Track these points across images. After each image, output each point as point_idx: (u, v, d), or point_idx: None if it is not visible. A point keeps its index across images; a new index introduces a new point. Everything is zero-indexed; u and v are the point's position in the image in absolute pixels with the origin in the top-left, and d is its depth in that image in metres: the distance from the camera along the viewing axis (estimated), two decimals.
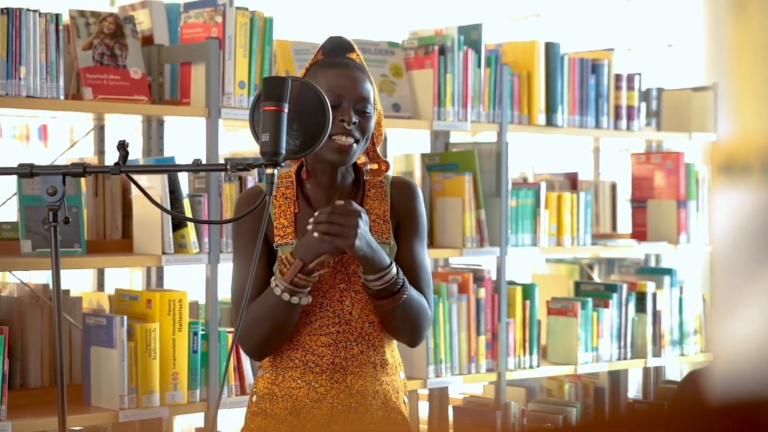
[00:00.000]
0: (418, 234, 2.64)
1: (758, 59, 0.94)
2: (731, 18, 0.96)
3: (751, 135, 0.91)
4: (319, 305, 2.57)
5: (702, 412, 0.83)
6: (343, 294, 2.57)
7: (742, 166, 0.90)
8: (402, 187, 2.65)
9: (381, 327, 2.60)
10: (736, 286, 0.87)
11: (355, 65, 2.61)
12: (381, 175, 2.66)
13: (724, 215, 0.90)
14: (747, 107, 0.92)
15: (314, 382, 2.57)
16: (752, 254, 0.87)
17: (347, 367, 2.57)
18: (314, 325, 2.57)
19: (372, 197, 2.62)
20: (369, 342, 2.59)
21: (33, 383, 3.48)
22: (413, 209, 2.64)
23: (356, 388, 2.57)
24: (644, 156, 4.92)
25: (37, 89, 3.30)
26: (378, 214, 2.61)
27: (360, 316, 2.58)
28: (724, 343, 0.88)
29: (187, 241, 3.52)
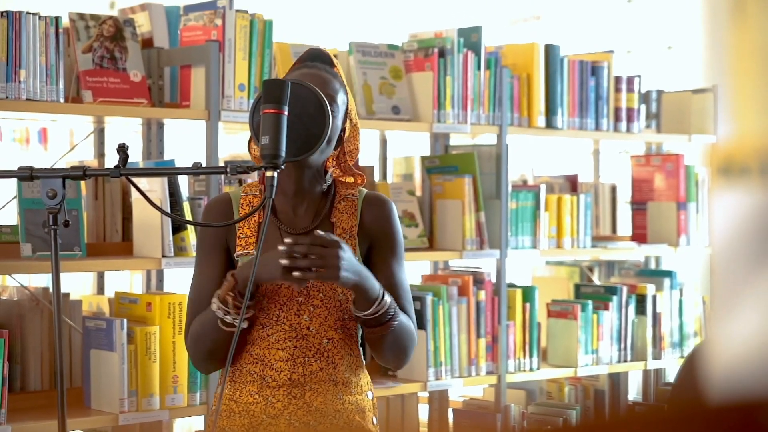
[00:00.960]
0: (394, 253, 2.57)
1: (757, 61, 0.94)
2: (730, 19, 0.96)
3: (749, 137, 0.91)
4: (276, 318, 2.50)
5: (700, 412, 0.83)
6: (300, 308, 2.50)
7: (740, 167, 0.90)
8: (375, 204, 2.57)
9: (342, 344, 2.52)
10: (734, 287, 0.87)
11: (326, 70, 2.55)
12: (354, 189, 2.59)
13: (723, 217, 0.90)
14: (746, 109, 0.92)
15: (271, 397, 2.50)
16: (751, 255, 0.88)
17: (305, 383, 2.50)
18: (271, 338, 2.50)
19: (341, 210, 2.56)
20: (328, 359, 2.50)
21: (33, 386, 3.48)
22: (388, 228, 2.57)
23: (315, 406, 2.49)
24: (644, 158, 4.92)
25: (37, 92, 3.30)
26: (345, 228, 2.54)
27: (318, 331, 2.50)
28: (722, 344, 0.88)
29: (187, 244, 3.52)
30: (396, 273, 2.57)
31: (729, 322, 0.87)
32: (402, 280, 2.58)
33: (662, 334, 4.67)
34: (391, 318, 2.47)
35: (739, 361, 0.86)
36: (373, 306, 2.44)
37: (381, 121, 3.99)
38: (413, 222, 4.14)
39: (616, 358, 4.54)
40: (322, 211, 2.55)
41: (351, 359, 2.55)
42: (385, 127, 4.02)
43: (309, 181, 2.54)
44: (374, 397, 2.63)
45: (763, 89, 0.92)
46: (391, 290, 2.53)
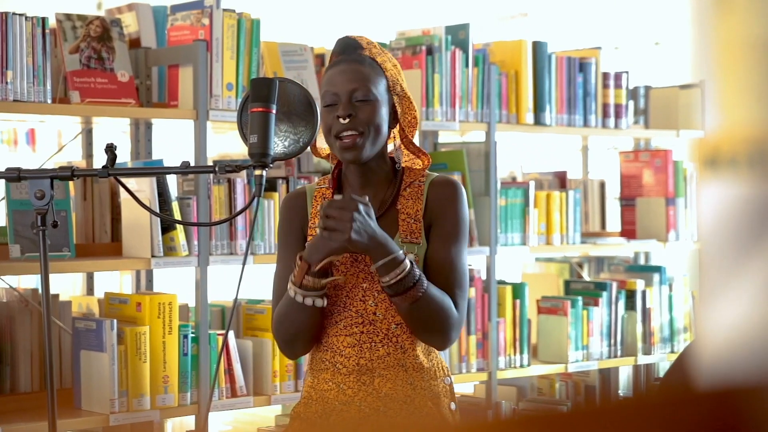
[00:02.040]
0: (450, 234, 2.54)
1: (743, 54, 0.94)
2: (716, 13, 0.96)
3: (736, 128, 0.91)
4: (343, 305, 2.52)
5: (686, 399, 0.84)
6: (365, 293, 2.51)
7: (728, 159, 0.90)
8: (440, 186, 2.57)
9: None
10: (722, 278, 0.88)
11: (355, 59, 2.55)
12: (422, 174, 2.59)
13: (710, 208, 0.91)
14: (733, 101, 0.93)
15: (342, 384, 2.52)
16: (738, 246, 0.88)
17: (374, 369, 2.51)
18: (339, 325, 2.53)
19: (407, 196, 2.56)
20: (396, 344, 2.51)
21: (23, 388, 3.47)
22: (448, 209, 2.55)
23: (384, 392, 2.50)
24: (632, 154, 4.93)
25: (24, 93, 3.29)
26: (409, 213, 2.54)
27: (385, 316, 2.51)
28: (709, 333, 0.89)
29: (177, 244, 3.52)
30: (448, 253, 2.54)
31: (716, 312, 0.88)
32: (454, 262, 2.55)
33: (652, 329, 4.67)
34: (414, 287, 2.45)
35: (726, 350, 0.87)
36: (392, 271, 2.43)
37: None
38: None
39: (606, 354, 4.55)
40: (389, 199, 2.56)
41: (422, 344, 2.55)
42: None
43: (373, 170, 2.56)
44: (452, 382, 2.61)
45: (749, 81, 0.92)
46: (439, 270, 2.53)
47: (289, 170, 3.83)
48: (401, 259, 2.44)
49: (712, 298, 0.89)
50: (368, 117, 2.50)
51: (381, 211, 2.55)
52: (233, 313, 2.43)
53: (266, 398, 3.70)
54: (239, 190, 3.66)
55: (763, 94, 0.92)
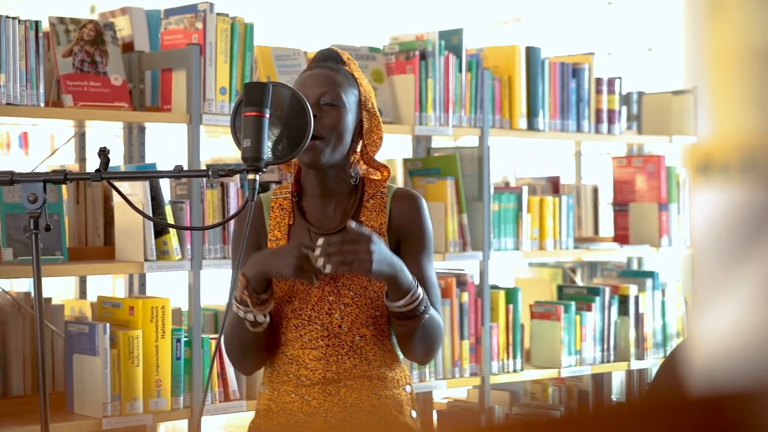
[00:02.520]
0: (424, 249, 2.56)
1: (736, 60, 0.94)
2: (709, 19, 0.97)
3: (729, 135, 0.91)
4: (308, 318, 2.52)
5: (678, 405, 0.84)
6: (332, 307, 2.51)
7: (720, 165, 0.90)
8: (404, 199, 2.58)
9: (375, 340, 2.53)
10: (714, 283, 0.88)
11: (331, 67, 2.56)
12: (382, 185, 2.59)
13: (703, 214, 0.91)
14: (725, 107, 0.93)
15: (307, 395, 2.52)
16: (730, 252, 0.88)
17: (340, 380, 2.52)
18: (304, 338, 2.52)
19: (370, 208, 2.56)
20: (361, 356, 2.52)
21: (15, 392, 3.46)
22: (417, 223, 2.56)
23: (350, 402, 2.51)
24: (625, 159, 4.93)
25: (17, 96, 3.29)
26: (374, 227, 2.54)
27: (350, 329, 2.51)
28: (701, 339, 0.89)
29: (170, 248, 3.52)
30: (425, 269, 2.56)
31: (708, 318, 0.88)
32: (431, 276, 2.57)
33: (645, 334, 4.68)
34: (424, 311, 2.48)
35: (717, 356, 0.87)
36: (406, 297, 2.45)
37: None
38: None
39: (599, 359, 4.55)
40: (351, 210, 2.56)
41: (385, 354, 2.55)
42: None
43: (333, 181, 2.56)
44: (413, 390, 2.63)
45: (742, 88, 0.93)
46: (421, 285, 2.53)
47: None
48: (410, 284, 2.46)
49: (705, 303, 0.89)
50: (333, 122, 2.51)
51: (344, 223, 2.53)
52: (226, 316, 2.42)
53: None
54: (232, 194, 3.66)
55: (756, 100, 0.93)
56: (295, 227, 2.56)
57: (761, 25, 0.94)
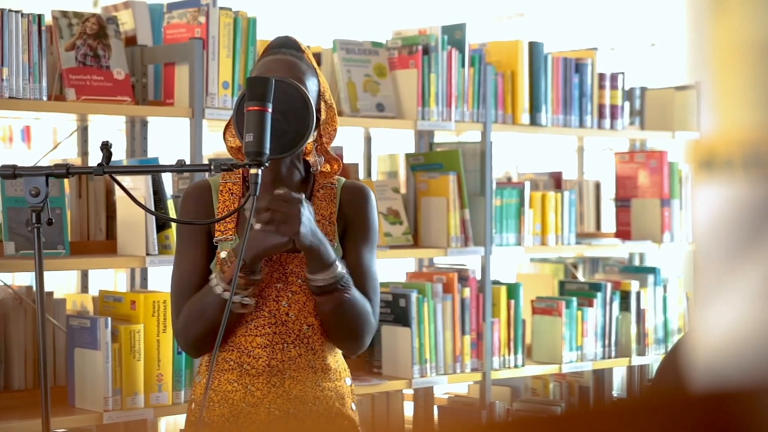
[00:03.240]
0: (366, 239, 2.58)
1: (739, 56, 0.94)
2: (712, 14, 0.97)
3: (732, 130, 0.91)
4: (256, 305, 2.51)
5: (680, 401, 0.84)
6: (279, 294, 2.50)
7: (723, 161, 0.90)
8: (353, 191, 2.59)
9: (321, 330, 2.52)
10: (716, 279, 0.88)
11: (293, 54, 2.55)
12: (332, 177, 2.60)
13: (705, 210, 0.91)
14: (728, 103, 0.93)
15: (251, 385, 2.51)
16: (732, 248, 0.88)
17: (285, 370, 2.50)
18: (250, 325, 2.51)
19: (320, 198, 2.57)
20: (307, 345, 2.51)
21: (17, 385, 3.46)
22: (363, 214, 2.58)
23: (294, 393, 2.50)
24: (628, 155, 4.93)
25: (19, 90, 3.29)
26: (324, 215, 2.55)
27: (297, 317, 2.51)
28: (703, 335, 0.89)
29: (172, 242, 3.52)
30: (364, 257, 2.57)
31: (710, 314, 0.88)
32: (369, 266, 2.58)
33: (646, 330, 4.68)
34: (343, 289, 2.46)
35: (719, 353, 0.87)
36: (327, 270, 2.44)
37: (365, 118, 3.99)
38: (398, 219, 4.15)
39: (600, 355, 4.55)
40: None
41: (330, 346, 2.56)
42: (370, 125, 4.02)
43: (287, 170, 2.55)
44: (352, 383, 2.63)
45: (745, 83, 0.92)
46: (357, 274, 2.54)
47: None
48: (332, 259, 2.45)
49: (707, 300, 0.89)
50: None
51: None
52: (227, 311, 2.42)
53: None
54: None
55: (759, 95, 0.92)
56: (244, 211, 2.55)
57: (764, 20, 0.93)
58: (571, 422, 0.81)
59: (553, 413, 0.82)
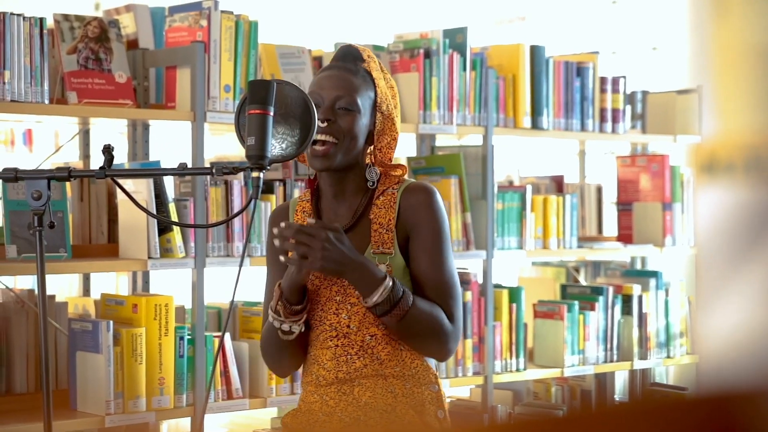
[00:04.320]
0: (431, 244, 2.53)
1: (740, 60, 0.94)
2: (714, 19, 0.97)
3: (733, 134, 0.91)
4: (319, 319, 2.55)
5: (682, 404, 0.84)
6: (339, 307, 2.53)
7: (725, 164, 0.90)
8: (414, 193, 2.56)
9: (387, 339, 2.52)
10: (719, 282, 0.88)
11: (349, 68, 2.57)
12: (395, 182, 2.58)
13: (707, 213, 0.91)
14: (730, 107, 0.93)
15: (325, 395, 2.55)
16: (735, 251, 0.88)
17: (353, 380, 2.53)
18: (319, 339, 2.56)
19: (379, 205, 2.56)
20: (372, 355, 2.52)
21: (19, 389, 3.46)
22: (423, 218, 2.54)
23: (364, 401, 2.52)
24: (629, 159, 4.93)
25: (21, 93, 3.29)
26: (381, 223, 2.54)
27: (359, 328, 2.52)
28: (707, 338, 0.89)
29: (173, 246, 3.52)
30: (432, 264, 2.54)
31: (713, 317, 0.88)
32: (441, 273, 2.54)
33: (648, 334, 4.67)
34: (400, 303, 2.46)
35: (723, 355, 0.87)
36: (374, 292, 2.45)
37: None
38: None
39: (602, 359, 4.54)
40: (360, 208, 2.57)
41: (401, 353, 2.54)
42: None
43: (346, 181, 2.58)
44: (440, 389, 2.59)
45: (746, 87, 0.92)
46: (426, 283, 2.53)
47: (286, 173, 3.83)
48: (382, 277, 2.45)
49: (710, 302, 0.89)
50: (348, 126, 2.52)
51: (353, 221, 2.56)
52: (230, 315, 2.43)
53: (262, 401, 3.70)
54: (236, 192, 3.66)
55: (760, 99, 0.92)
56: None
57: (765, 24, 0.94)
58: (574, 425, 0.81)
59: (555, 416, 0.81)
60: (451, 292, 2.56)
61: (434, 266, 2.54)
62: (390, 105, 2.61)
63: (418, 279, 2.53)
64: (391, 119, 2.60)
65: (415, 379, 2.55)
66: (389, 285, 2.45)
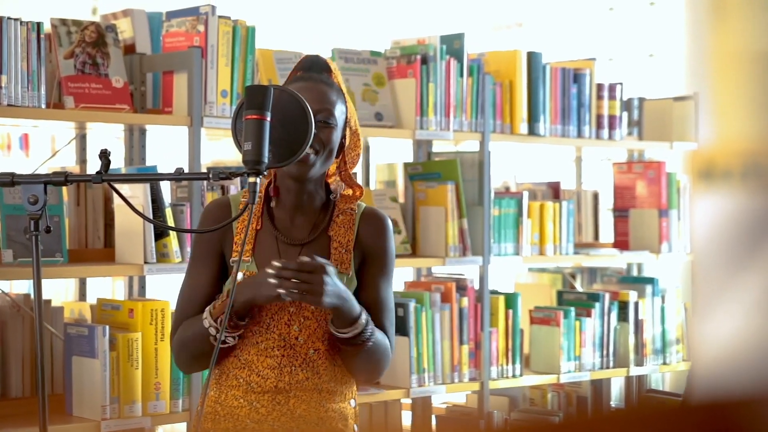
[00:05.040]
0: (384, 272, 2.61)
1: (737, 66, 0.94)
2: (711, 26, 0.97)
3: (730, 141, 0.91)
4: (266, 327, 2.54)
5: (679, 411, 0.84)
6: (291, 318, 2.54)
7: (722, 171, 0.90)
8: (372, 220, 2.61)
9: (327, 355, 2.55)
10: (715, 290, 0.88)
11: (323, 80, 2.59)
12: (353, 203, 2.62)
13: (704, 220, 0.91)
14: (727, 113, 0.93)
15: (256, 402, 2.54)
16: (731, 258, 0.88)
17: (290, 390, 2.54)
18: (260, 346, 2.54)
19: (339, 224, 2.59)
20: (313, 369, 2.54)
21: (14, 393, 3.46)
22: (382, 246, 2.60)
23: (298, 413, 2.54)
24: (626, 165, 4.93)
25: (18, 98, 3.29)
26: (341, 243, 2.57)
27: (306, 342, 2.54)
28: (703, 345, 0.89)
29: (170, 251, 3.52)
30: (381, 291, 2.61)
31: (710, 324, 0.88)
32: (386, 299, 2.62)
33: (644, 340, 4.68)
34: (367, 339, 2.52)
35: (719, 362, 0.87)
36: (350, 327, 2.49)
37: (364, 127, 3.99)
38: (396, 229, 4.15)
39: (598, 365, 4.55)
40: (321, 225, 2.59)
41: (335, 369, 2.59)
42: (368, 134, 4.02)
43: (309, 194, 2.59)
44: (357, 405, 2.67)
45: (743, 94, 0.93)
46: (374, 307, 2.59)
47: None
48: (357, 314, 2.50)
49: (706, 310, 0.89)
50: (326, 139, 2.54)
51: (312, 236, 2.58)
52: (225, 320, 2.42)
53: None
54: None
55: (757, 106, 0.93)
56: (262, 232, 2.58)
57: (763, 31, 0.94)
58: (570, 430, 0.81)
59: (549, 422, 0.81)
60: (393, 319, 2.64)
61: (383, 292, 2.61)
62: (356, 119, 2.65)
63: (369, 303, 2.57)
64: (356, 134, 2.64)
65: (343, 395, 2.60)
66: (363, 322, 2.50)
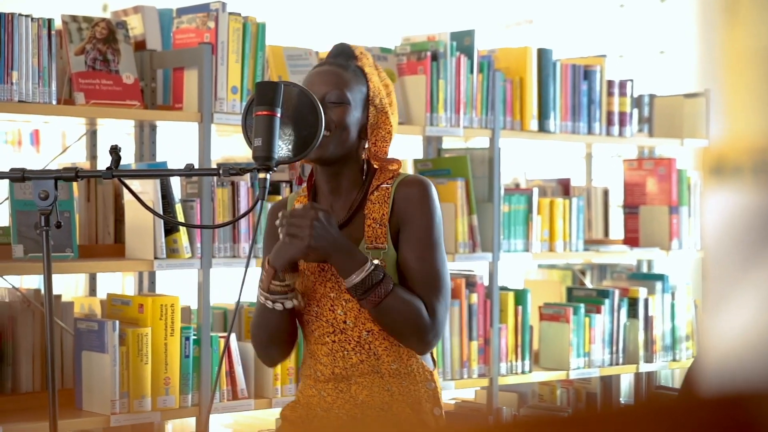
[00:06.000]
0: (419, 238, 2.52)
1: (749, 63, 0.94)
2: (722, 22, 0.97)
3: (742, 137, 0.91)
4: (315, 314, 2.56)
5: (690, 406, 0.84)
6: (334, 303, 2.54)
7: (733, 167, 0.90)
8: (407, 185, 2.56)
9: (384, 335, 2.52)
10: (726, 286, 0.88)
11: (340, 64, 2.59)
12: (389, 178, 2.58)
13: (715, 217, 0.91)
14: (738, 110, 0.93)
15: (323, 390, 2.57)
16: (742, 254, 0.88)
17: (350, 377, 2.54)
18: (315, 334, 2.58)
19: (374, 200, 2.56)
20: (369, 351, 2.53)
21: (24, 388, 3.47)
22: (415, 210, 2.53)
23: (361, 399, 2.53)
24: (636, 162, 4.92)
25: (29, 94, 3.30)
26: (375, 218, 2.55)
27: (355, 324, 2.53)
28: (714, 341, 0.89)
29: (180, 246, 3.52)
30: (418, 258, 2.53)
31: (720, 320, 0.88)
32: (426, 266, 2.53)
33: (654, 337, 4.67)
34: (377, 286, 2.46)
35: (731, 357, 0.87)
36: (355, 273, 2.46)
37: None
38: None
39: (608, 361, 4.54)
40: (355, 203, 2.58)
41: (399, 350, 2.54)
42: None
43: (342, 176, 2.59)
44: (436, 386, 2.59)
45: (755, 90, 0.93)
46: (411, 275, 2.52)
47: (293, 174, 3.84)
48: (363, 261, 2.46)
49: (717, 306, 0.89)
50: (338, 117, 2.53)
51: (348, 216, 2.57)
52: (235, 315, 2.43)
53: (267, 401, 3.70)
54: (243, 193, 3.66)
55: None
56: None
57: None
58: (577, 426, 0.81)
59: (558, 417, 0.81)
60: (433, 285, 2.54)
61: (420, 259, 2.53)
62: (384, 99, 2.62)
63: (404, 270, 2.53)
64: (384, 113, 2.61)
65: (412, 377, 2.55)
66: (369, 267, 2.46)
